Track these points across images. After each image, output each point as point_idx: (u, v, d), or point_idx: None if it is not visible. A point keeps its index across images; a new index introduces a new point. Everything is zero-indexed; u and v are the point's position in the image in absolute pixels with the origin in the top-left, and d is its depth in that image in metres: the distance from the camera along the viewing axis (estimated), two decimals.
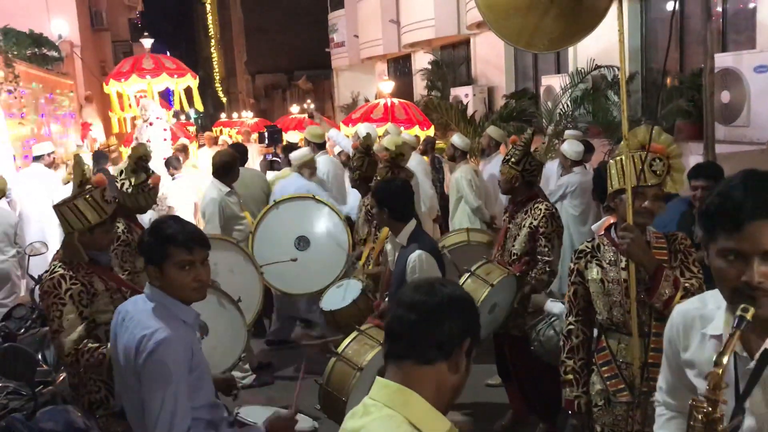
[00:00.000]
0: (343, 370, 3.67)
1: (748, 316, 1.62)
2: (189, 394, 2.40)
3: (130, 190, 4.27)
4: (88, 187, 3.22)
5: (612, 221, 3.34)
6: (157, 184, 4.42)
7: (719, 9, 8.42)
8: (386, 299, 4.38)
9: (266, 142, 9.89)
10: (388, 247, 4.28)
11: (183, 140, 11.81)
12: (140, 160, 4.34)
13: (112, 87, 11.99)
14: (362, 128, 7.62)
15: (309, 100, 18.91)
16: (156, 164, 5.44)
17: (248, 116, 21.76)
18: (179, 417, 2.36)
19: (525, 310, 4.49)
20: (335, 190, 7.13)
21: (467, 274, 4.21)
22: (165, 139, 10.79)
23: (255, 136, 13.59)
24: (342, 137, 7.95)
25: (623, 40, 3.00)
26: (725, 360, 1.61)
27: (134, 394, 2.45)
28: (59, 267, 3.09)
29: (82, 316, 3.01)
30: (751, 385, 1.74)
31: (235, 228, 5.88)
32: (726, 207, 1.66)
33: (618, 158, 2.99)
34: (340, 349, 3.73)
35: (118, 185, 4.29)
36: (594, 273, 3.08)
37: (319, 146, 7.43)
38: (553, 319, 3.89)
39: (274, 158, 8.61)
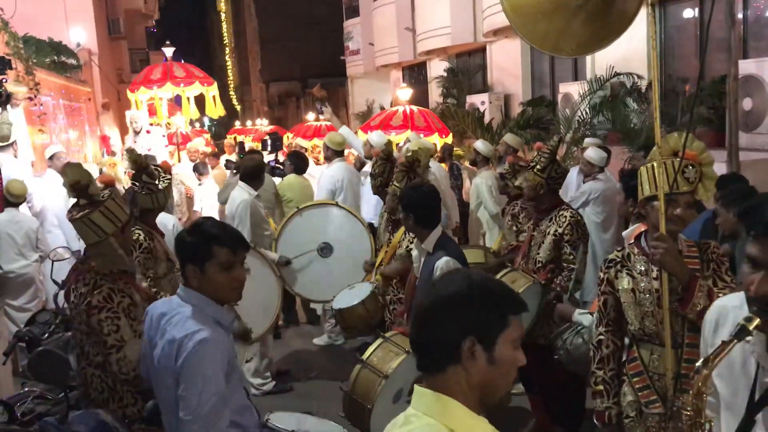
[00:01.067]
0: (369, 377, 3.64)
1: (751, 326, 1.60)
2: (228, 397, 2.40)
3: (143, 192, 4.39)
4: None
5: (642, 229, 3.29)
6: (169, 169, 4.49)
7: (740, 16, 8.36)
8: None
9: (269, 148, 10.05)
10: (414, 253, 4.24)
11: (201, 146, 11.93)
12: (136, 164, 4.42)
13: (141, 94, 12.22)
14: (374, 136, 7.59)
15: (321, 100, 19.07)
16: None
17: (263, 123, 21.81)
18: (216, 417, 2.36)
19: (550, 318, 4.45)
20: (350, 198, 7.12)
21: None
22: (166, 145, 11.06)
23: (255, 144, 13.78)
24: (354, 136, 7.97)
25: (656, 47, 2.96)
26: (708, 368, 1.61)
27: (171, 395, 2.44)
28: (102, 280, 3.03)
29: (132, 329, 2.98)
30: (764, 400, 1.72)
31: (260, 233, 5.89)
32: (760, 213, 1.66)
33: (650, 164, 2.94)
34: (365, 357, 3.71)
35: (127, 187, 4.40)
36: (625, 283, 3.03)
37: (337, 153, 7.43)
38: (580, 327, 3.83)
39: (276, 165, 8.79)
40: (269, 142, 9.83)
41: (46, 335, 4.19)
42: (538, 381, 4.69)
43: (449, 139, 10.50)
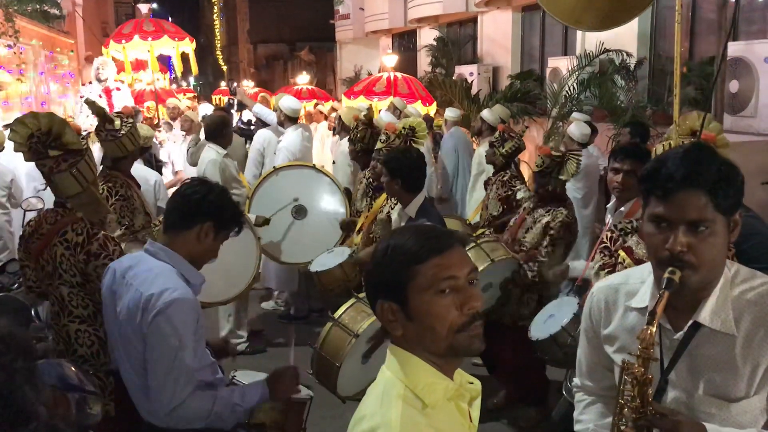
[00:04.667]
0: (339, 335, 3.62)
1: (676, 278, 1.63)
2: (192, 356, 2.36)
3: (107, 138, 4.34)
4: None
5: (639, 210, 3.31)
6: (131, 113, 4.47)
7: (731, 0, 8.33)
8: None
9: (234, 109, 10.06)
10: (394, 217, 4.23)
11: (182, 104, 11.73)
12: (96, 113, 4.39)
13: (112, 50, 11.96)
14: (384, 116, 7.39)
15: (231, 80, 19.05)
16: None
17: (249, 85, 21.55)
18: (183, 381, 2.32)
19: (519, 299, 4.44)
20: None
21: (472, 244, 4.14)
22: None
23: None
24: (268, 111, 7.85)
25: (680, 21, 2.88)
26: (656, 319, 1.62)
27: (135, 353, 2.40)
28: (94, 228, 3.02)
29: None
30: (676, 358, 1.77)
31: (232, 192, 5.81)
32: (660, 173, 1.67)
33: (666, 143, 2.92)
34: (337, 315, 3.69)
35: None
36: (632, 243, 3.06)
37: (291, 119, 7.26)
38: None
39: (242, 125, 8.76)
40: (234, 102, 9.75)
41: (16, 285, 4.14)
42: (502, 362, 4.69)
43: (433, 108, 10.43)
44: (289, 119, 6.99)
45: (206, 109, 11.72)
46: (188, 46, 12.50)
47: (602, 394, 2.04)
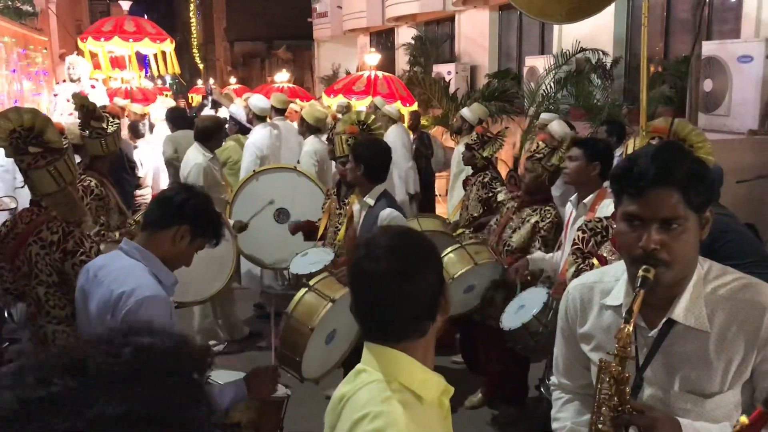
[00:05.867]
0: (313, 301, 3.59)
1: (651, 275, 1.65)
2: None
3: (90, 135, 4.29)
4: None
5: (607, 199, 3.34)
6: (118, 114, 4.42)
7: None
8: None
9: (209, 106, 10.04)
10: (356, 207, 4.23)
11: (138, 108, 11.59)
12: (84, 108, 4.32)
13: (90, 45, 11.80)
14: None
15: (210, 80, 18.94)
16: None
17: (232, 82, 21.36)
18: None
19: (504, 300, 4.43)
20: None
21: (456, 246, 4.15)
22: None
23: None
24: (243, 113, 7.89)
25: (646, 23, 2.90)
26: (633, 317, 1.65)
27: None
28: (70, 226, 2.99)
29: None
30: (651, 355, 1.79)
31: (213, 196, 5.76)
32: (632, 172, 1.69)
33: (631, 143, 2.94)
34: (311, 283, 3.68)
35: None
36: (606, 252, 3.08)
37: (314, 130, 7.25)
38: (555, 304, 3.77)
39: None
40: (210, 100, 9.71)
41: None
42: (486, 362, 4.70)
43: (414, 108, 10.43)
44: (258, 117, 7.02)
45: (160, 106, 11.36)
46: (168, 46, 12.39)
47: (579, 392, 2.05)
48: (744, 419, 1.49)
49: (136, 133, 8.81)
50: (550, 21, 5.65)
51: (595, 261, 3.16)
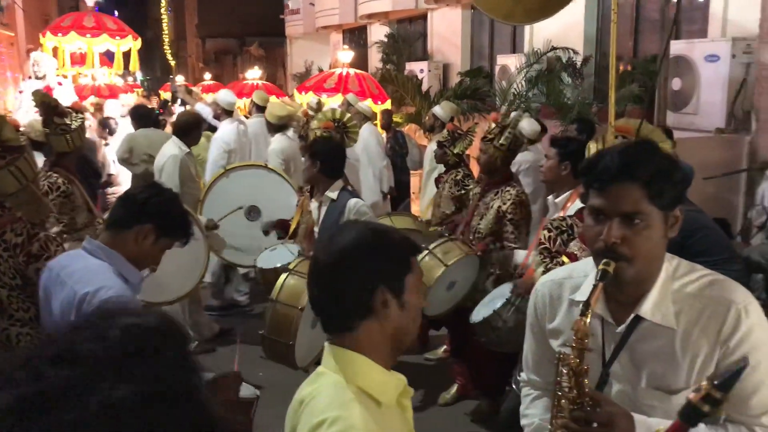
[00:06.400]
0: (297, 282, 3.64)
1: (610, 269, 1.66)
2: None
3: (53, 131, 4.24)
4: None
5: (576, 199, 3.36)
6: (81, 109, 4.36)
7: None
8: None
9: (178, 102, 9.97)
10: (313, 205, 4.27)
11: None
12: (45, 105, 4.26)
13: (48, 41, 11.62)
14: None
15: (177, 78, 18.67)
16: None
17: (207, 78, 21.20)
18: None
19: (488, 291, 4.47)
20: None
21: (425, 252, 4.19)
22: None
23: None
24: (209, 111, 7.91)
25: (616, 20, 2.93)
26: (590, 310, 1.67)
27: None
28: (34, 228, 2.93)
29: None
30: (617, 351, 1.80)
31: (186, 191, 5.71)
32: (597, 166, 1.71)
33: (595, 143, 2.97)
34: (274, 296, 3.69)
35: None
36: (575, 249, 3.11)
37: (278, 128, 7.24)
38: (519, 301, 3.79)
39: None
40: (170, 99, 9.65)
41: None
42: (471, 349, 4.72)
43: (387, 106, 10.42)
44: (226, 112, 7.01)
45: (114, 104, 11.17)
46: (130, 43, 12.17)
47: (548, 389, 2.06)
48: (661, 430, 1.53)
49: (109, 130, 8.73)
50: (512, 23, 5.70)
51: (564, 259, 3.19)
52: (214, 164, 6.67)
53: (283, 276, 3.73)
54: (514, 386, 4.03)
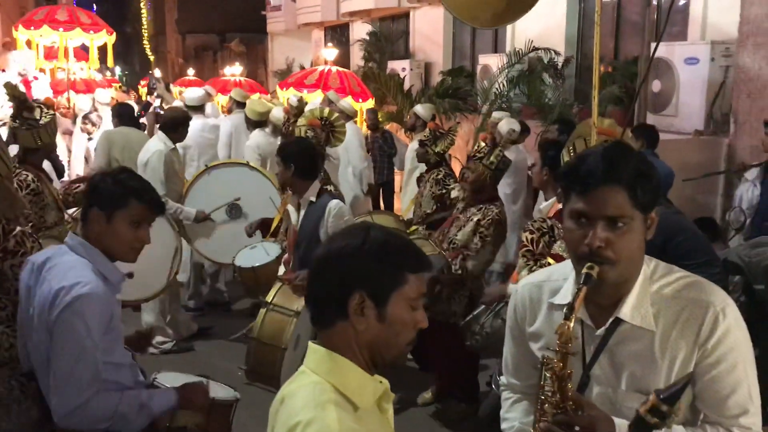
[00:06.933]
0: (277, 318, 3.57)
1: (595, 273, 1.66)
2: (102, 355, 2.27)
3: (23, 126, 4.13)
4: None
5: (559, 207, 3.34)
6: (52, 105, 4.25)
7: (654, 2, 8.59)
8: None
9: (155, 93, 9.94)
10: (291, 209, 4.22)
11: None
12: (14, 98, 4.19)
13: (21, 34, 11.45)
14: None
15: (155, 78, 18.49)
16: None
17: (190, 73, 21.02)
18: (87, 379, 2.22)
19: (449, 296, 4.46)
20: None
21: None
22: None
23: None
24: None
25: (599, 21, 2.94)
26: (574, 314, 1.65)
27: (43, 350, 2.30)
28: (10, 224, 2.85)
29: None
30: (597, 353, 1.80)
31: (170, 187, 5.66)
32: (579, 169, 1.70)
33: (570, 146, 2.96)
34: (268, 299, 3.64)
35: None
36: (560, 250, 3.10)
37: (256, 124, 7.23)
38: (499, 306, 3.77)
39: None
40: (156, 86, 9.59)
41: None
42: (436, 358, 4.71)
43: (369, 104, 10.39)
44: (193, 108, 7.00)
45: (85, 99, 11.01)
46: (105, 38, 11.99)
47: (528, 392, 2.05)
48: None
49: (92, 123, 8.64)
50: (476, 25, 5.72)
51: (550, 260, 3.18)
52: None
53: (262, 311, 3.67)
54: (493, 386, 4.03)
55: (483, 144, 4.61)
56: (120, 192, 2.36)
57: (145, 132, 9.36)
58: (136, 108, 10.27)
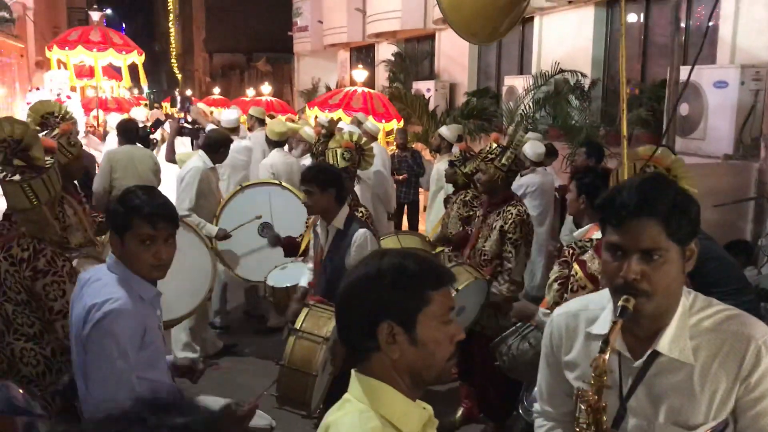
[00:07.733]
0: (307, 345, 3.56)
1: (630, 306, 1.66)
2: (138, 373, 2.30)
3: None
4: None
5: (596, 231, 3.30)
6: (68, 131, 4.26)
7: (683, 25, 8.56)
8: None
9: (177, 106, 10.08)
10: (320, 230, 4.18)
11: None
12: (47, 115, 4.25)
13: (55, 54, 11.74)
14: (346, 128, 7.51)
15: (189, 99, 18.69)
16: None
17: (216, 92, 21.32)
18: (123, 395, 2.23)
19: (496, 313, 4.44)
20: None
21: None
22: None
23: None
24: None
25: (623, 42, 2.95)
26: (609, 347, 1.65)
27: (80, 363, 2.35)
28: (40, 243, 2.92)
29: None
30: (635, 385, 1.79)
31: (204, 205, 5.75)
32: (615, 202, 1.71)
33: (617, 171, 2.93)
34: (297, 325, 3.64)
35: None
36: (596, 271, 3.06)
37: (275, 144, 7.32)
38: (527, 329, 3.73)
39: (185, 125, 8.87)
40: (179, 99, 9.74)
41: None
42: (480, 371, 4.68)
43: (392, 125, 10.43)
44: (229, 130, 7.17)
45: (115, 118, 11.21)
46: (135, 57, 12.28)
47: (562, 420, 2.04)
48: None
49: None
50: (475, 42, 5.74)
51: (575, 266, 3.16)
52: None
53: (291, 338, 3.67)
54: (520, 411, 3.99)
55: (495, 145, 4.58)
56: (123, 213, 2.35)
57: (158, 142, 9.51)
58: (145, 121, 10.40)
